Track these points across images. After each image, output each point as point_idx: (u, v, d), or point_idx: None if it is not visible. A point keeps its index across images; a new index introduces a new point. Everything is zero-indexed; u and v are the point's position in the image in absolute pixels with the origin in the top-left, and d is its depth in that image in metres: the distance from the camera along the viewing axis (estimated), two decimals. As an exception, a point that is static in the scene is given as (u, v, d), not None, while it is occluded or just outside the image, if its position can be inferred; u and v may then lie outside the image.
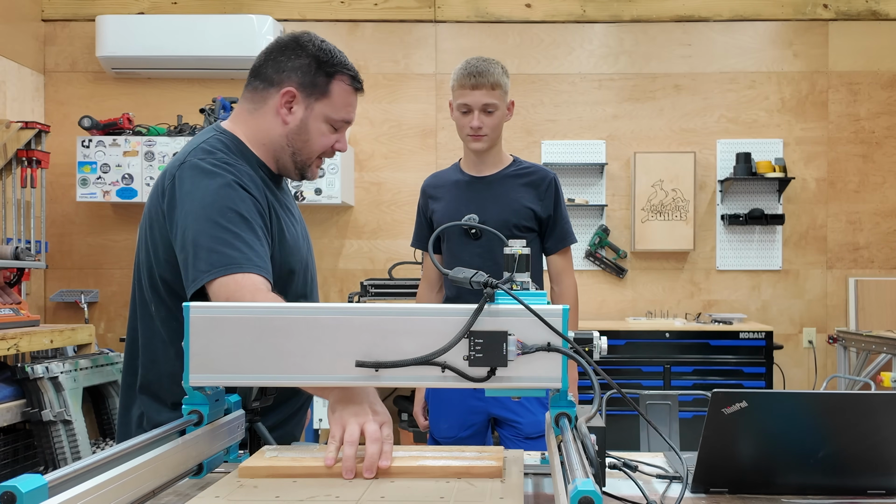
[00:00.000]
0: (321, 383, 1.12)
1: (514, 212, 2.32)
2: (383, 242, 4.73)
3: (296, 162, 1.57)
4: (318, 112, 1.54)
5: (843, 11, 4.66)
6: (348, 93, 1.56)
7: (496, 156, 2.37)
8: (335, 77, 1.54)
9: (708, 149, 4.72)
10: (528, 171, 2.37)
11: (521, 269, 1.19)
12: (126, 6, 4.70)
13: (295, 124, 1.54)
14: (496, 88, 2.25)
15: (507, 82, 2.30)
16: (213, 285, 1.36)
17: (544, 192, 2.34)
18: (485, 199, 2.34)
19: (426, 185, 2.48)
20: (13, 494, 0.76)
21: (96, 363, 3.36)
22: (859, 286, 4.57)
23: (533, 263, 2.30)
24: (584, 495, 0.74)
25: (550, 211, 2.35)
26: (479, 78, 2.24)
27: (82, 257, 4.72)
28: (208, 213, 1.40)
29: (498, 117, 2.29)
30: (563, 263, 2.41)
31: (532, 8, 4.71)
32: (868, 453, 1.15)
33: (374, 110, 4.76)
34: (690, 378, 4.13)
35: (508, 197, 2.33)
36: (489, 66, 2.26)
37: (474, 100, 2.26)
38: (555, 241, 2.38)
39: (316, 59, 1.53)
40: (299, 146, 1.56)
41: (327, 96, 1.54)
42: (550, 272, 2.43)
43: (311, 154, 1.57)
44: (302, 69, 1.52)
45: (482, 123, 2.26)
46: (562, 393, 1.12)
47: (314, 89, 1.53)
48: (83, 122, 4.32)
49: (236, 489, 1.07)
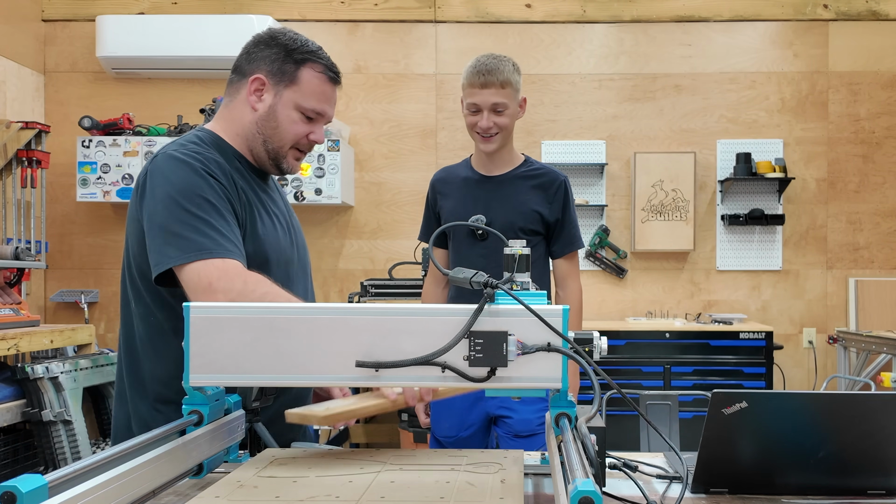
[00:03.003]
0: (321, 383, 1.12)
1: (520, 214, 2.28)
2: (383, 242, 4.73)
3: (268, 151, 1.57)
4: (288, 99, 1.54)
5: (843, 11, 4.66)
6: (320, 81, 1.56)
7: (507, 155, 2.33)
8: (305, 64, 1.54)
9: (708, 149, 4.72)
10: (539, 173, 2.33)
11: (521, 270, 1.19)
12: (126, 6, 4.70)
13: (264, 111, 1.55)
14: (506, 87, 2.20)
15: (519, 79, 2.24)
16: (185, 270, 1.37)
17: (553, 195, 2.30)
18: (492, 199, 2.30)
19: (435, 179, 2.44)
20: (13, 494, 0.76)
21: (96, 363, 3.36)
22: (859, 286, 4.57)
23: (538, 267, 2.27)
24: (584, 495, 0.74)
25: (559, 215, 2.31)
26: (488, 76, 2.18)
27: (82, 257, 4.72)
28: (177, 200, 1.41)
29: (508, 116, 2.23)
30: (569, 268, 2.37)
31: (532, 8, 4.71)
32: (868, 453, 1.15)
33: (374, 110, 4.76)
34: (690, 378, 4.13)
35: (516, 199, 2.29)
36: (499, 63, 2.20)
37: (483, 99, 2.20)
38: (561, 246, 2.34)
39: (285, 48, 1.54)
40: (269, 133, 1.56)
41: (296, 83, 1.54)
42: (556, 276, 2.39)
43: (282, 142, 1.56)
44: (271, 57, 1.54)
45: (492, 123, 2.21)
46: (562, 393, 1.12)
47: (283, 76, 1.54)
48: (83, 122, 4.33)
49: (236, 489, 1.07)
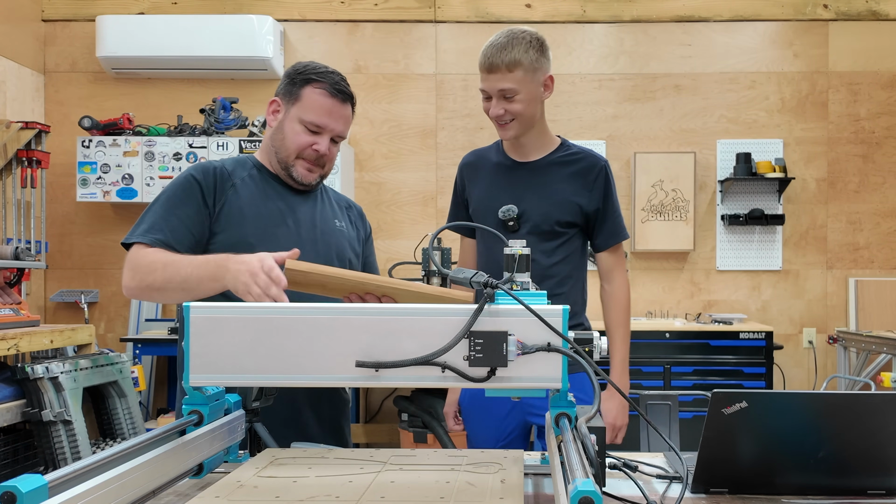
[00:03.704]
0: (321, 383, 1.13)
1: (556, 204, 2.07)
2: (383, 242, 4.73)
3: (280, 160, 1.80)
4: (293, 115, 1.78)
5: (843, 11, 4.66)
6: (321, 96, 1.76)
7: (538, 139, 2.10)
8: (309, 84, 1.77)
9: (708, 149, 4.72)
10: (576, 158, 2.10)
11: (521, 270, 1.18)
12: (126, 6, 4.70)
13: (276, 126, 1.81)
14: (515, 69, 1.95)
15: (537, 57, 1.98)
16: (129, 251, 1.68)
17: (593, 182, 2.09)
18: (525, 188, 2.09)
19: (464, 163, 2.23)
20: (13, 494, 0.76)
21: (96, 363, 3.35)
22: (859, 286, 4.57)
23: (572, 261, 2.13)
24: (584, 495, 0.74)
25: (599, 204, 2.10)
26: (493, 58, 1.96)
27: (82, 257, 4.72)
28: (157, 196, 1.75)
29: (522, 102, 1.99)
30: (614, 261, 2.18)
31: (532, 8, 4.71)
32: (868, 453, 1.15)
33: (374, 110, 4.76)
34: (690, 378, 4.13)
35: (552, 188, 2.08)
36: (510, 41, 1.96)
37: (489, 85, 2.00)
38: (605, 237, 2.15)
39: (295, 72, 1.80)
40: (278, 144, 1.79)
41: (300, 100, 1.77)
42: (600, 270, 2.21)
43: (288, 151, 1.78)
44: (285, 82, 1.81)
45: (502, 110, 2.00)
46: (562, 393, 1.12)
47: (290, 96, 1.79)
48: (83, 122, 4.32)
49: (236, 489, 1.07)
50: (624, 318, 2.17)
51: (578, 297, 2.18)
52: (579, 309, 2.19)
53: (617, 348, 2.14)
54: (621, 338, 2.16)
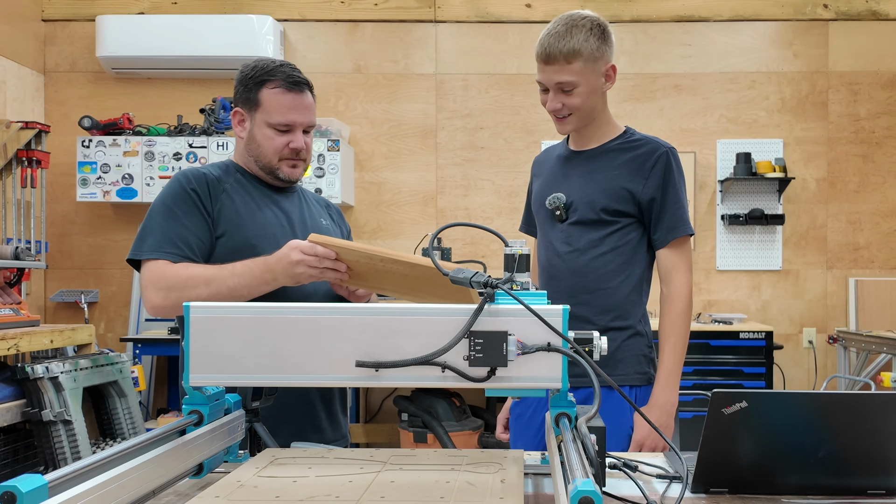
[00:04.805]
0: (321, 383, 1.13)
1: (603, 192, 1.92)
2: (383, 243, 4.72)
3: (261, 167, 1.79)
4: (259, 121, 1.75)
5: (843, 11, 4.66)
6: (279, 94, 1.73)
7: (600, 128, 1.98)
8: (263, 86, 1.74)
9: (708, 149, 4.72)
10: (636, 145, 1.96)
11: (521, 269, 1.18)
12: (126, 6, 4.70)
13: (247, 137, 1.78)
14: (574, 60, 1.83)
15: (597, 46, 1.86)
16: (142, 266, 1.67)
17: (650, 169, 1.92)
18: (577, 176, 1.97)
19: (534, 161, 2.16)
20: (13, 494, 0.76)
21: (96, 363, 3.35)
22: (859, 286, 4.57)
23: (623, 254, 1.93)
24: (584, 495, 0.74)
25: (656, 193, 1.91)
26: (550, 48, 1.83)
27: (82, 257, 4.72)
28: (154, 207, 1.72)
29: (581, 95, 1.87)
30: (674, 259, 1.91)
31: (532, 8, 4.71)
32: (868, 453, 1.15)
33: (374, 110, 4.76)
34: (690, 378, 4.13)
35: (602, 174, 1.94)
36: (570, 29, 1.84)
37: (546, 77, 1.87)
38: (663, 231, 1.92)
39: (245, 77, 1.76)
40: (256, 154, 1.78)
41: (261, 105, 1.75)
42: (659, 270, 1.96)
43: (267, 158, 1.77)
44: (239, 90, 1.78)
45: (559, 104, 1.88)
46: (562, 393, 1.12)
47: (250, 103, 1.76)
48: (83, 122, 4.32)
49: (236, 489, 1.07)
50: (678, 325, 1.89)
51: (630, 296, 1.94)
52: (630, 308, 1.94)
53: (664, 358, 1.88)
54: (671, 347, 1.88)
